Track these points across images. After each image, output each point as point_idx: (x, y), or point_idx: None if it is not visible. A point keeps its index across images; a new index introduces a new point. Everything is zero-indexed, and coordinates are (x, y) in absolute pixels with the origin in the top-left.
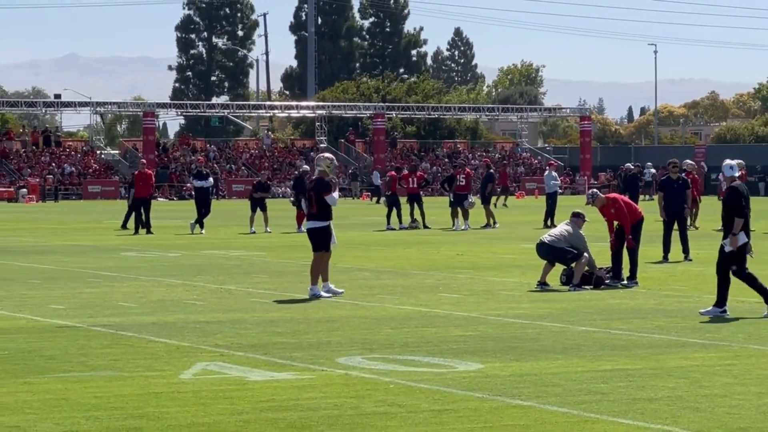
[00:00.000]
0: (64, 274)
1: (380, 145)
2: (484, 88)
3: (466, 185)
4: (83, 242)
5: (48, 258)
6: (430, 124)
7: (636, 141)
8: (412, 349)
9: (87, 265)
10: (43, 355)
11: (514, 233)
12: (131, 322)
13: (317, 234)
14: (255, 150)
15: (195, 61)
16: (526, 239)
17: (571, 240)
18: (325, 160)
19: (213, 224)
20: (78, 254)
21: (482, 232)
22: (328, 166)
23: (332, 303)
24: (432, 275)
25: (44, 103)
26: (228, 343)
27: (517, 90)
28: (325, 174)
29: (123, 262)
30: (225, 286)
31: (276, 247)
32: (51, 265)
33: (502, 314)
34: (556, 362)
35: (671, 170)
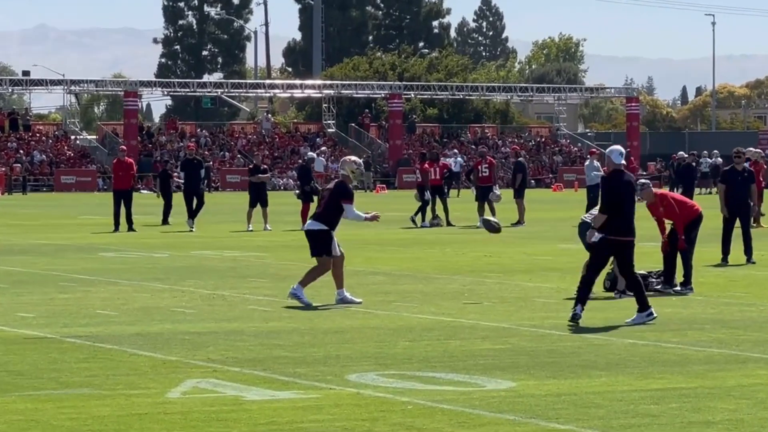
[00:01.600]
0: (33, 278)
1: (397, 129)
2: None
3: (489, 176)
4: (55, 241)
5: (15, 259)
6: (454, 105)
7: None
8: (433, 364)
9: (60, 267)
10: (10, 370)
11: (551, 231)
12: (111, 333)
13: (316, 237)
14: (253, 135)
15: (184, 34)
16: (564, 238)
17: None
18: (351, 164)
19: (205, 220)
20: (49, 254)
21: (513, 230)
22: (354, 171)
23: (341, 312)
24: (456, 280)
25: (11, 81)
26: (222, 357)
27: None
28: (349, 180)
29: (101, 264)
30: (218, 292)
31: (277, 246)
32: (18, 266)
33: (536, 325)
34: (598, 380)
35: (735, 160)
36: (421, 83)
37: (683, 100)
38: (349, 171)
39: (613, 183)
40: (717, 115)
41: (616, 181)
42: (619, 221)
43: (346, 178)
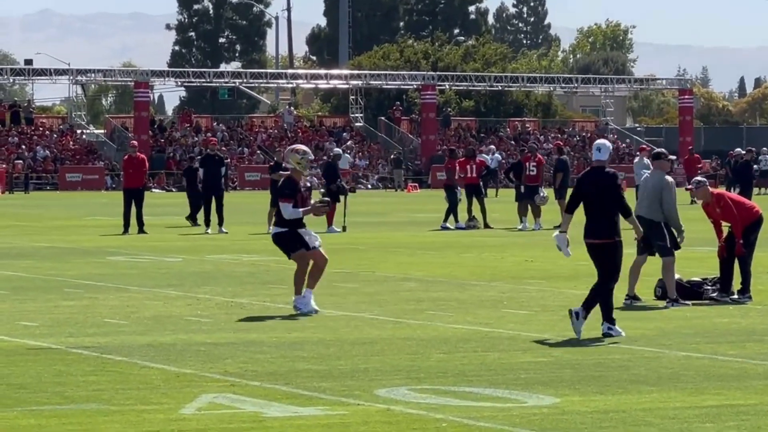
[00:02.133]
0: (36, 283)
1: (430, 123)
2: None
3: (537, 175)
4: (60, 244)
5: (16, 263)
6: (492, 98)
7: (749, 120)
8: (469, 378)
9: (65, 272)
10: (12, 383)
11: None
12: (120, 344)
13: (279, 242)
14: (274, 129)
15: (199, 19)
16: None
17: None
18: (294, 155)
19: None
20: (54, 258)
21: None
22: (299, 162)
23: (370, 321)
24: (494, 287)
25: (12, 70)
26: (240, 370)
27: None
28: (298, 174)
29: (109, 269)
30: (236, 300)
31: None
32: (20, 271)
33: (582, 336)
34: (649, 396)
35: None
36: (456, 73)
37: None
38: (294, 163)
39: (590, 179)
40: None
41: (594, 178)
42: (604, 221)
43: (295, 172)
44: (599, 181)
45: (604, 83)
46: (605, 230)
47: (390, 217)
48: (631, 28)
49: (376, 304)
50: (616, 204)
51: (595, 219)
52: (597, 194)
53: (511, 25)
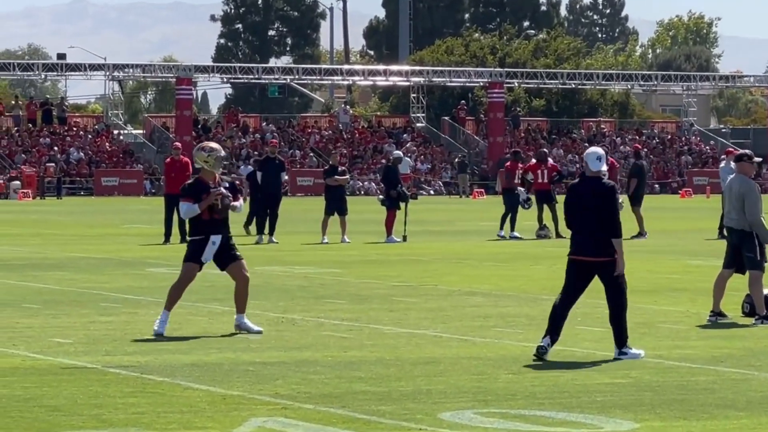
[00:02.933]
0: (70, 297)
1: (497, 124)
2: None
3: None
4: (95, 254)
5: (49, 275)
6: (565, 96)
7: None
8: (540, 401)
9: (101, 284)
10: (45, 405)
11: (678, 245)
12: (161, 363)
13: (190, 244)
14: (328, 130)
15: (247, 10)
16: (694, 253)
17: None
18: (200, 153)
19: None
20: (89, 270)
21: (633, 243)
22: (206, 161)
23: (433, 339)
24: None
25: (43, 65)
26: (292, 392)
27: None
28: (209, 175)
29: (149, 281)
30: (288, 315)
31: (356, 262)
32: (53, 284)
33: (662, 355)
34: (737, 422)
35: None
36: (526, 70)
37: None
38: (201, 162)
39: (587, 190)
40: None
41: (592, 188)
42: (590, 237)
43: (204, 173)
44: (598, 193)
45: (686, 81)
46: (608, 246)
47: (454, 226)
48: (716, 21)
49: (440, 321)
50: (610, 219)
51: (593, 234)
52: (597, 206)
53: (586, 17)
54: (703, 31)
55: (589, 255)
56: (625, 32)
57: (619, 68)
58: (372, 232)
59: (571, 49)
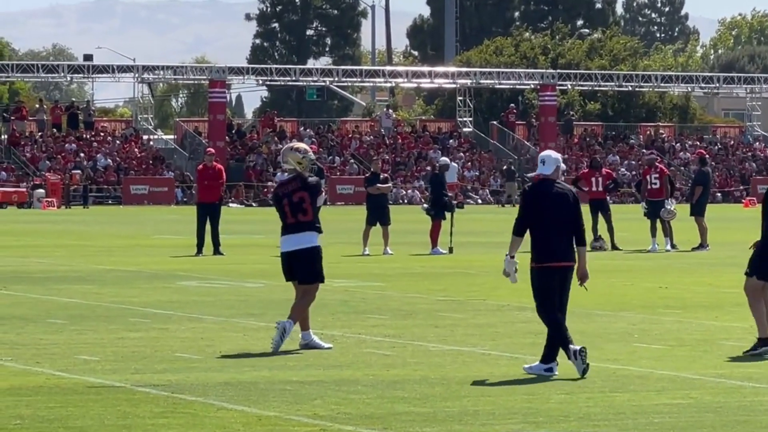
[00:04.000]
0: (97, 311)
1: (549, 129)
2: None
3: (660, 189)
4: (123, 266)
5: (75, 288)
6: (621, 100)
7: None
8: (595, 423)
9: (130, 298)
10: (71, 426)
11: (741, 257)
12: (193, 381)
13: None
14: (369, 135)
15: (284, 8)
16: None
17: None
18: (294, 153)
19: None
20: (117, 283)
21: (694, 255)
22: (300, 162)
23: (481, 357)
24: (623, 317)
25: (69, 67)
26: (332, 412)
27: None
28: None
29: (181, 295)
30: (326, 331)
31: (400, 275)
32: (79, 298)
33: (724, 374)
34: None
35: None
36: (579, 71)
37: None
38: (294, 162)
39: (544, 192)
40: None
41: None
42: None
43: (295, 173)
44: (556, 196)
45: (750, 83)
46: (572, 251)
47: (503, 237)
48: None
49: (489, 338)
50: (574, 224)
51: (559, 238)
52: (558, 210)
53: (643, 15)
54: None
55: (562, 260)
56: (685, 31)
57: (679, 70)
58: (416, 243)
59: (628, 50)
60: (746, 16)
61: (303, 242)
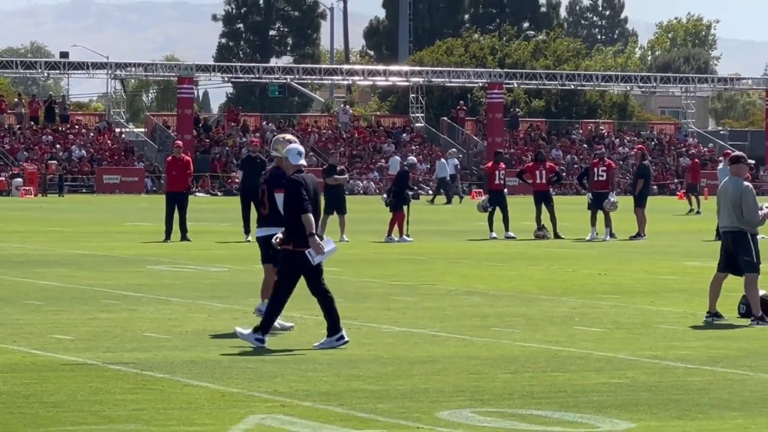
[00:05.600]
0: (71, 294)
1: (496, 125)
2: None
3: (606, 181)
4: (97, 251)
5: (50, 271)
6: (564, 97)
7: None
8: (538, 400)
9: (102, 281)
10: (46, 401)
11: (676, 246)
12: (161, 360)
13: (268, 243)
14: (327, 130)
15: (248, 10)
16: (691, 254)
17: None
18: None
19: None
20: (90, 267)
21: (632, 244)
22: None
23: (431, 338)
24: (565, 302)
25: (46, 63)
26: (291, 389)
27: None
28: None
29: (150, 279)
30: (286, 313)
31: (355, 261)
32: (54, 280)
33: (659, 355)
34: (732, 422)
35: None
36: (525, 71)
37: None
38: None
39: (296, 185)
40: None
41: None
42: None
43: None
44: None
45: (685, 82)
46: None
47: (452, 226)
48: (714, 23)
49: (438, 320)
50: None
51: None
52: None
53: (585, 18)
54: (701, 33)
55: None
56: (625, 34)
57: (618, 70)
58: (371, 232)
59: (571, 51)
60: (682, 19)
61: (260, 231)
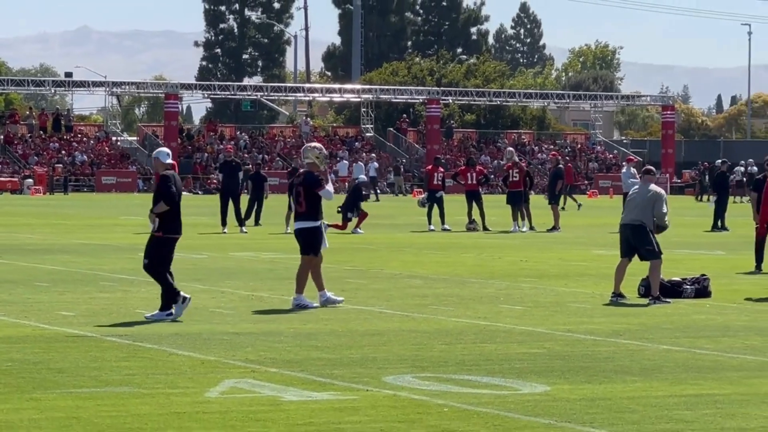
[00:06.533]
0: (74, 277)
1: (434, 134)
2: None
3: (519, 181)
4: (96, 240)
5: (56, 258)
6: (491, 111)
7: (726, 134)
8: (469, 367)
9: (101, 266)
10: (52, 368)
11: (585, 237)
12: (150, 333)
13: (308, 235)
14: (291, 138)
15: (225, 37)
16: (598, 244)
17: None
18: (314, 150)
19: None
20: (90, 254)
21: (548, 236)
22: (318, 157)
23: (378, 314)
24: (492, 284)
25: (53, 82)
26: (260, 357)
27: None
28: (315, 167)
29: (141, 264)
30: (257, 293)
31: None
32: (60, 266)
33: (571, 329)
34: (632, 385)
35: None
36: (458, 89)
37: (718, 108)
38: (313, 157)
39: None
40: (752, 123)
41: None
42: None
43: (312, 166)
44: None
45: (594, 99)
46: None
47: (395, 220)
48: (618, 49)
49: (384, 299)
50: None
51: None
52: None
53: (509, 45)
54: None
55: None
56: (543, 58)
57: (537, 88)
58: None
59: (497, 72)
60: (591, 46)
61: (298, 224)
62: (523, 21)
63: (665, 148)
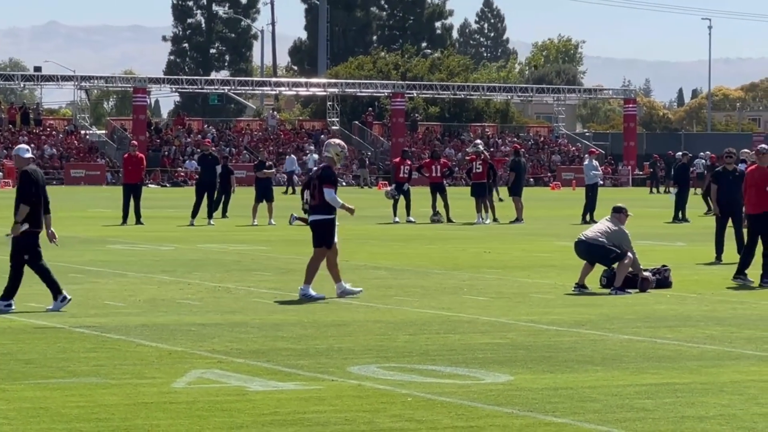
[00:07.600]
0: None
1: (399, 128)
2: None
3: (482, 173)
4: (64, 233)
5: None
6: (456, 105)
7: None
8: (433, 357)
9: (69, 258)
10: (20, 359)
11: (548, 229)
12: (118, 324)
13: (321, 228)
14: (258, 132)
15: (192, 32)
16: (562, 236)
17: (614, 238)
18: (336, 147)
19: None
20: (59, 246)
21: (512, 227)
22: (338, 154)
23: (343, 305)
24: (455, 275)
25: (22, 76)
26: (226, 348)
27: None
28: (333, 163)
29: (109, 256)
30: (223, 285)
31: (281, 241)
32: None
33: (534, 320)
34: (594, 374)
35: (726, 161)
36: (423, 83)
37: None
38: (333, 154)
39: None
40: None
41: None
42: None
43: (331, 161)
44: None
45: (557, 93)
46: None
47: (362, 212)
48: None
49: None
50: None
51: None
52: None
53: (473, 39)
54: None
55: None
56: (506, 52)
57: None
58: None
59: (461, 66)
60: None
61: (312, 217)
62: (486, 15)
63: (627, 140)
